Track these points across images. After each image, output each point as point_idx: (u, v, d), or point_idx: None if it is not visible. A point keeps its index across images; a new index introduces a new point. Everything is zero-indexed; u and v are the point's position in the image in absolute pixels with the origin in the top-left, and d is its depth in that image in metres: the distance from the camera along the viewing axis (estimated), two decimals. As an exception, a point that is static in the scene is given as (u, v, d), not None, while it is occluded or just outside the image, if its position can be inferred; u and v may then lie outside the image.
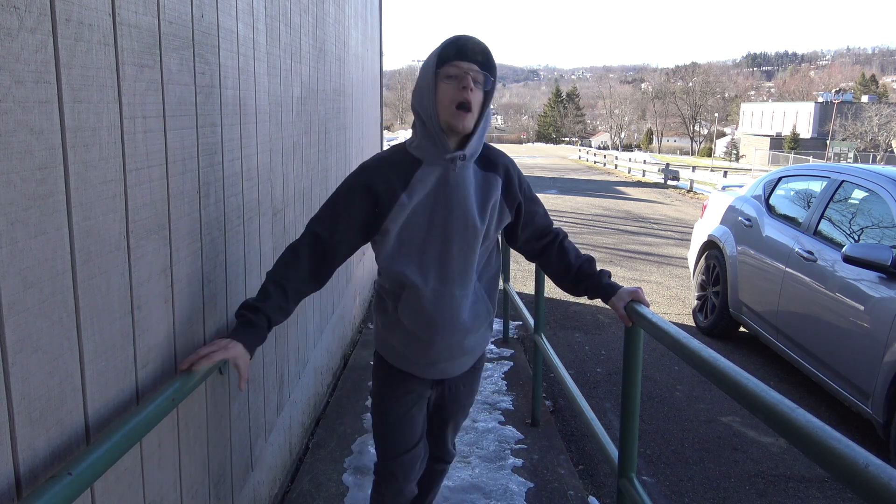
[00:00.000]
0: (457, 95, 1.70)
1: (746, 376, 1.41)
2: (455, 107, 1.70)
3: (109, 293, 1.33)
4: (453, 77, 1.71)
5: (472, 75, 1.70)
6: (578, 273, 2.01)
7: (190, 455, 1.80)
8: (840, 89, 72.33)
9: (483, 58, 1.74)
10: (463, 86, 1.69)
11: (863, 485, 1.02)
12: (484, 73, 1.73)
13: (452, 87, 1.71)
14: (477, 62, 1.73)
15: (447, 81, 1.71)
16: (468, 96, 1.70)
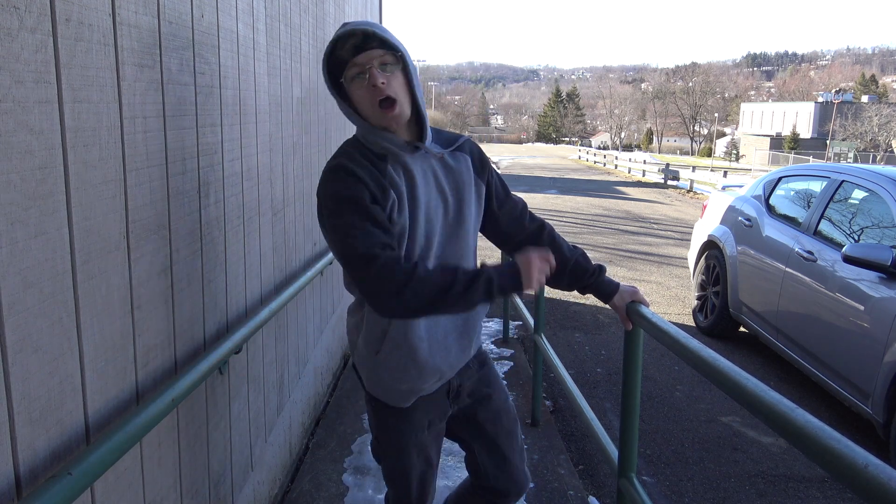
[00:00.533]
0: (373, 94, 1.47)
1: (746, 376, 1.41)
2: (378, 107, 1.49)
3: (109, 293, 1.33)
4: (358, 77, 1.48)
5: (375, 66, 1.46)
6: (575, 268, 1.81)
7: (190, 455, 1.80)
8: (840, 89, 72.35)
9: (378, 40, 1.47)
10: (372, 84, 1.46)
11: (863, 485, 1.02)
12: (389, 52, 1.48)
13: (362, 87, 1.48)
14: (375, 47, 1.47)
15: (355, 83, 1.49)
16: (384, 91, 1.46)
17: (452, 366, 1.71)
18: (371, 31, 1.47)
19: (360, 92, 1.49)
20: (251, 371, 2.36)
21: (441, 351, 1.65)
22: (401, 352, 1.61)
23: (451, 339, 1.68)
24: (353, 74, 1.49)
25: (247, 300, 2.28)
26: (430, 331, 1.63)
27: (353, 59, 1.48)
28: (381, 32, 1.48)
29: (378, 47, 1.47)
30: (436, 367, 1.65)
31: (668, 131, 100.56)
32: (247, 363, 2.31)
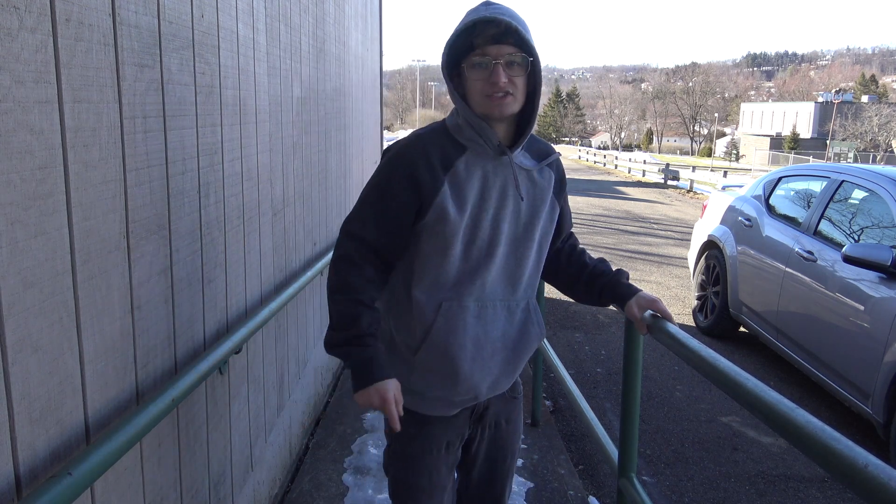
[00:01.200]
0: (487, 88, 1.43)
1: (746, 376, 1.41)
2: (486, 96, 1.45)
3: (109, 293, 1.33)
4: (479, 66, 1.44)
5: (503, 62, 1.42)
6: (594, 272, 1.72)
7: (190, 455, 1.79)
8: (840, 89, 72.37)
9: (515, 36, 1.42)
10: (492, 81, 1.42)
11: (863, 485, 1.02)
12: (521, 54, 1.43)
13: (481, 77, 1.44)
14: (509, 43, 1.43)
15: (474, 72, 1.45)
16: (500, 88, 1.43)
17: (490, 388, 1.59)
18: (514, 27, 1.41)
19: (477, 80, 1.45)
20: (251, 371, 2.36)
21: (482, 368, 1.55)
22: (441, 357, 1.51)
23: (497, 359, 1.57)
24: (477, 62, 1.44)
25: (247, 300, 2.28)
26: (477, 343, 1.53)
27: (484, 48, 1.43)
28: (522, 30, 1.42)
29: (513, 44, 1.43)
30: (473, 384, 1.54)
31: (668, 131, 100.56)
32: (247, 363, 2.31)
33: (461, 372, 1.52)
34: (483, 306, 1.53)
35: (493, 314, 1.55)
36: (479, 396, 1.59)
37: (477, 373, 1.54)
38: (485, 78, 1.43)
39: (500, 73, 1.41)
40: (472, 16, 1.43)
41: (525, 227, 1.56)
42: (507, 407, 1.73)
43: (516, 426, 1.77)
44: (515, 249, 1.56)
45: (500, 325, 1.56)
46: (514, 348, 1.60)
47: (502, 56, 1.42)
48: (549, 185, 1.61)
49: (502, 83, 1.42)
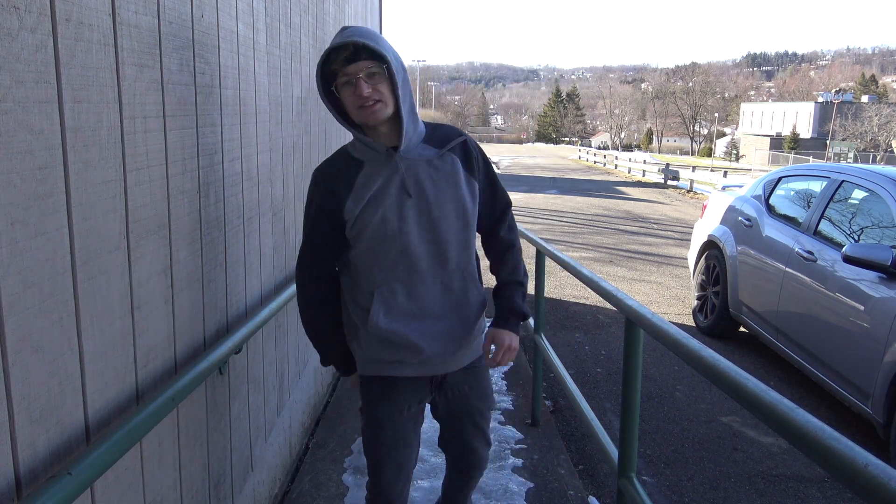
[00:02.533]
0: (357, 101, 1.65)
1: (746, 376, 1.41)
2: (358, 108, 1.67)
3: (109, 293, 1.33)
4: (346, 85, 1.66)
5: (363, 75, 1.63)
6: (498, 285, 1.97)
7: (190, 455, 1.80)
8: (840, 89, 72.36)
9: (367, 52, 1.63)
10: (358, 93, 1.64)
11: (863, 485, 1.02)
12: (376, 63, 1.64)
13: (350, 94, 1.66)
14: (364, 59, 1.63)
15: (345, 90, 1.67)
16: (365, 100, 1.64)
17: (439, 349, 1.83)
18: (361, 43, 1.61)
19: (348, 97, 1.67)
20: (251, 371, 2.36)
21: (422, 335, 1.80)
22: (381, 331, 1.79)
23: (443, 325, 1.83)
24: (343, 82, 1.66)
25: (247, 300, 2.28)
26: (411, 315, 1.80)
27: (343, 69, 1.65)
28: (371, 43, 1.62)
29: (367, 58, 1.63)
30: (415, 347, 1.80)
31: (668, 131, 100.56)
32: (247, 363, 2.31)
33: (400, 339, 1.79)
34: (413, 285, 1.79)
35: (424, 290, 1.79)
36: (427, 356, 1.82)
37: (419, 339, 1.79)
38: (352, 93, 1.66)
39: (363, 85, 1.63)
40: (326, 50, 1.67)
41: (437, 210, 1.76)
42: (468, 376, 1.97)
43: (480, 390, 2.01)
44: (433, 231, 1.77)
45: (436, 297, 1.81)
46: (459, 314, 1.85)
47: (361, 71, 1.64)
48: (454, 168, 1.79)
49: (366, 93, 1.64)
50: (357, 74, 1.63)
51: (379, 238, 1.74)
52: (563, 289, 7.23)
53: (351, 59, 1.63)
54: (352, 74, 1.63)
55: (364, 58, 1.63)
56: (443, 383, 1.95)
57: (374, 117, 1.67)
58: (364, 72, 1.63)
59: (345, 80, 1.65)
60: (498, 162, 36.38)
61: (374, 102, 1.65)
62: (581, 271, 2.74)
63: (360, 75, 1.63)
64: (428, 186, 1.75)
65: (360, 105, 1.65)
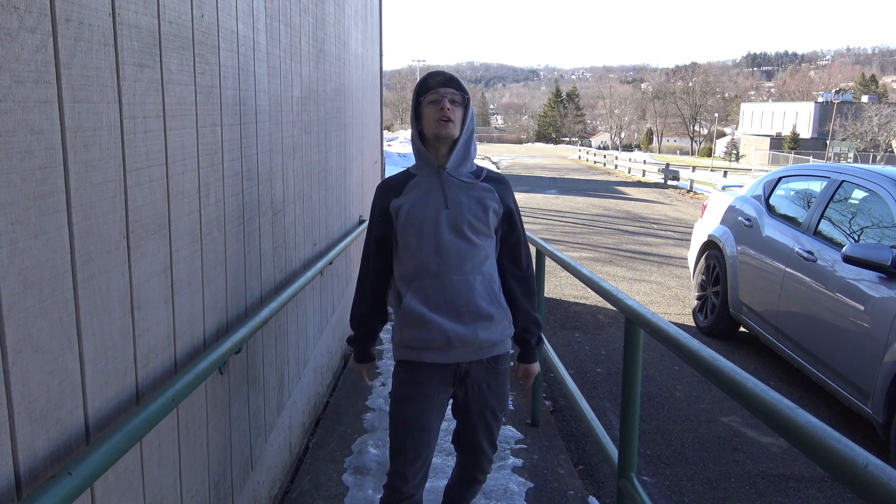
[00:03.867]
0: (436, 114, 2.05)
1: (746, 376, 1.41)
2: (436, 120, 2.05)
3: (109, 293, 1.33)
4: (433, 102, 2.06)
5: (448, 97, 2.06)
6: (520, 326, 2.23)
7: (190, 455, 1.80)
8: (840, 89, 72.31)
9: (454, 84, 2.10)
10: (441, 106, 2.04)
11: (863, 485, 1.02)
12: (459, 93, 2.08)
13: (434, 108, 2.07)
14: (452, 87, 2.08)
15: (429, 106, 2.07)
16: (445, 114, 2.04)
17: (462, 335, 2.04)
18: (453, 78, 2.11)
19: (431, 110, 2.07)
20: (251, 371, 2.36)
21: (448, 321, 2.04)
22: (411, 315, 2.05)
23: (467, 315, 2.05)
24: (432, 99, 2.07)
25: (247, 300, 2.28)
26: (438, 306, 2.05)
27: (436, 89, 2.08)
28: (459, 80, 2.11)
29: (454, 88, 2.08)
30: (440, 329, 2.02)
31: (668, 131, 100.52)
32: (247, 363, 2.31)
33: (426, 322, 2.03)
34: (440, 280, 2.04)
35: (450, 285, 2.04)
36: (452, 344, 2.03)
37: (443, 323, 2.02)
38: (436, 108, 2.06)
39: (446, 103, 2.05)
40: (427, 74, 2.14)
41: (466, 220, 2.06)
42: (489, 374, 2.13)
43: (497, 392, 2.17)
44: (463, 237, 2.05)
45: (465, 294, 2.04)
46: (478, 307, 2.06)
47: (447, 94, 2.07)
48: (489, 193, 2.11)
49: (447, 109, 2.04)
50: (445, 96, 2.06)
51: (417, 233, 2.04)
52: (563, 289, 7.24)
53: (443, 84, 2.08)
54: (441, 95, 2.06)
55: (453, 87, 2.08)
56: (465, 377, 2.10)
57: (446, 131, 2.04)
58: (449, 95, 2.06)
59: (434, 97, 2.06)
60: (498, 162, 36.37)
61: (448, 120, 2.04)
62: (581, 271, 2.74)
63: (447, 97, 2.05)
64: (463, 201, 2.07)
65: (439, 118, 2.04)
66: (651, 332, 1.88)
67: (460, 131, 2.10)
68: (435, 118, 2.06)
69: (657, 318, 1.89)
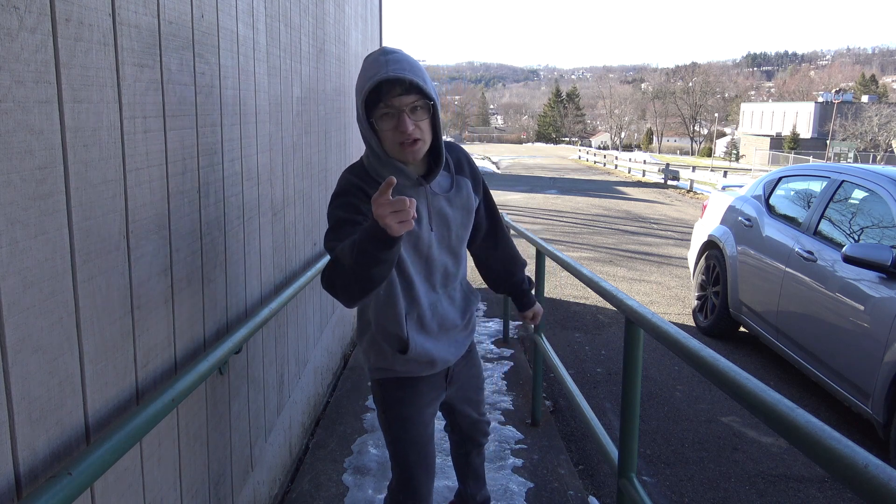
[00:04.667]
0: (397, 136, 1.59)
1: (746, 376, 1.41)
2: (398, 144, 1.61)
3: (109, 293, 1.33)
4: (388, 116, 1.59)
5: (407, 110, 1.57)
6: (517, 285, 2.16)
7: (190, 455, 1.80)
8: (840, 89, 72.23)
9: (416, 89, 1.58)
10: (401, 129, 1.58)
11: (863, 485, 1.02)
12: (423, 100, 1.59)
13: (391, 125, 1.59)
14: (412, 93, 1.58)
15: (384, 121, 1.60)
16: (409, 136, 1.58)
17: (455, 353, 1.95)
18: (416, 83, 1.56)
19: (387, 129, 1.60)
20: (251, 371, 2.36)
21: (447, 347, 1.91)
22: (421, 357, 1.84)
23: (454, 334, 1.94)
24: (383, 114, 1.59)
25: (247, 300, 2.28)
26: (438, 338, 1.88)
27: (389, 101, 1.57)
28: (422, 84, 1.58)
29: (414, 93, 1.58)
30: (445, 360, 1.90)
31: (668, 131, 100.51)
32: (247, 363, 2.31)
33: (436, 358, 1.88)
34: (435, 304, 1.86)
35: (442, 308, 1.88)
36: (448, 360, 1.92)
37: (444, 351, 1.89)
38: (394, 127, 1.59)
39: (407, 121, 1.57)
40: (375, 73, 1.56)
41: (455, 238, 1.85)
42: (469, 360, 2.10)
43: (477, 365, 2.16)
44: (452, 255, 1.86)
45: (450, 311, 1.90)
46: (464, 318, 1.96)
47: (406, 105, 1.57)
48: (468, 195, 1.86)
49: (410, 130, 1.57)
50: (402, 109, 1.57)
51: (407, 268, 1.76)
52: (563, 289, 7.23)
53: (400, 94, 1.57)
54: (396, 108, 1.57)
55: (412, 92, 1.57)
56: (453, 374, 2.05)
57: (413, 156, 1.63)
58: (409, 106, 1.58)
59: (386, 111, 1.58)
60: (498, 162, 36.38)
61: (415, 141, 1.60)
62: (581, 271, 2.74)
63: (405, 110, 1.57)
64: (449, 217, 1.81)
65: (400, 141, 1.59)
66: (651, 332, 1.88)
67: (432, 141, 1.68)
68: (395, 140, 1.60)
69: (657, 318, 1.89)
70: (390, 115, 1.59)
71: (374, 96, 1.59)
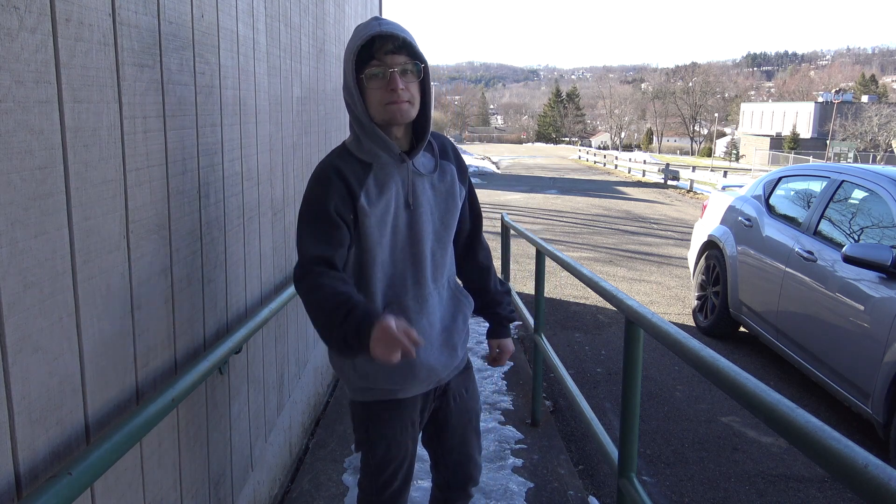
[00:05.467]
0: (386, 96, 1.56)
1: (746, 376, 1.41)
2: (385, 104, 1.57)
3: (109, 293, 1.33)
4: (377, 75, 1.55)
5: (398, 70, 1.55)
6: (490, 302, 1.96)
7: (190, 455, 1.80)
8: (840, 89, 72.22)
9: (408, 49, 1.56)
10: (391, 88, 1.54)
11: (863, 485, 1.02)
12: (413, 62, 1.57)
13: (379, 85, 1.56)
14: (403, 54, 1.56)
15: (373, 81, 1.56)
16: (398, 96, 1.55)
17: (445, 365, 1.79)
18: (408, 41, 1.56)
19: (375, 89, 1.57)
20: (251, 371, 2.36)
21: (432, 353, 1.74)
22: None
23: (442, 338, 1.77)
24: (373, 73, 1.56)
25: (247, 300, 2.28)
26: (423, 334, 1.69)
27: (380, 58, 1.55)
28: (413, 43, 1.57)
29: (406, 54, 1.56)
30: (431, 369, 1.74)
31: (668, 131, 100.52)
32: (247, 363, 2.31)
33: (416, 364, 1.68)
34: (423, 300, 1.71)
35: (430, 305, 1.73)
36: (440, 376, 1.78)
37: (431, 358, 1.72)
38: (383, 87, 1.55)
39: (397, 79, 1.54)
40: (367, 31, 1.55)
41: (442, 221, 1.74)
42: (464, 378, 1.92)
43: (474, 392, 1.97)
44: (439, 243, 1.74)
45: (437, 310, 1.75)
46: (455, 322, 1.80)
47: (397, 65, 1.55)
48: (452, 181, 1.76)
49: (400, 89, 1.54)
50: (393, 67, 1.54)
51: (391, 251, 1.65)
52: (563, 289, 7.23)
53: (391, 52, 1.54)
54: (388, 66, 1.54)
55: (403, 53, 1.56)
56: (446, 390, 1.88)
57: (401, 116, 1.57)
58: (400, 66, 1.55)
59: (377, 70, 1.54)
60: (498, 162, 36.37)
61: (404, 102, 1.56)
62: (581, 271, 2.74)
63: (396, 69, 1.54)
64: (433, 200, 1.71)
65: (390, 101, 1.55)
66: (651, 332, 1.88)
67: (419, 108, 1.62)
68: (382, 101, 1.55)
69: (657, 318, 1.89)
70: (379, 75, 1.55)
71: (365, 55, 1.55)
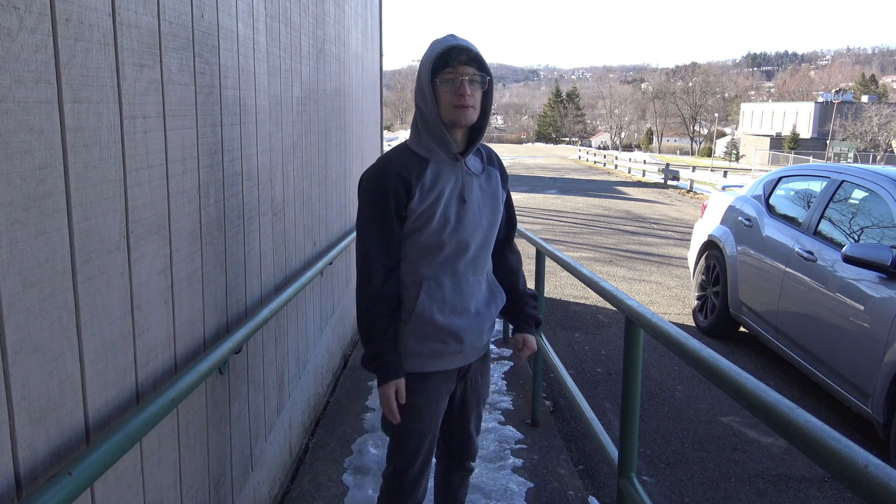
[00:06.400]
0: (455, 100, 1.80)
1: (746, 376, 1.41)
2: (454, 107, 1.81)
3: (109, 293, 1.33)
4: (449, 81, 1.80)
5: (467, 79, 1.81)
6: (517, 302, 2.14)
7: (190, 455, 1.80)
8: (840, 89, 72.19)
9: (477, 63, 1.83)
10: (459, 93, 1.79)
11: (863, 485, 1.02)
12: (480, 74, 1.83)
13: (450, 90, 1.81)
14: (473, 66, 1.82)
15: (445, 85, 1.81)
16: (466, 101, 1.80)
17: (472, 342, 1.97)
18: (478, 55, 1.83)
19: (447, 92, 1.81)
20: (251, 371, 2.36)
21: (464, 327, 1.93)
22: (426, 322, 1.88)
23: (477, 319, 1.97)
24: (447, 78, 1.80)
25: (247, 300, 2.28)
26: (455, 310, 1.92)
27: (455, 67, 1.80)
28: (482, 58, 1.85)
29: (475, 66, 1.82)
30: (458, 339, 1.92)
31: (668, 131, 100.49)
32: (247, 363, 2.31)
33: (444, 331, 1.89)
34: (458, 283, 1.92)
35: (467, 288, 1.93)
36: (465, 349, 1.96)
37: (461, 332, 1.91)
38: (453, 91, 1.80)
39: (466, 86, 1.79)
40: (444, 43, 1.82)
41: (485, 219, 1.95)
42: (483, 365, 2.13)
43: (487, 379, 2.18)
44: (482, 237, 1.94)
45: (475, 296, 1.95)
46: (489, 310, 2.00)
47: (467, 74, 1.80)
48: (497, 184, 2.01)
49: (467, 94, 1.79)
50: (464, 76, 1.79)
51: (437, 235, 1.85)
52: (563, 289, 7.24)
53: (463, 62, 1.80)
54: (460, 74, 1.79)
55: (473, 65, 1.81)
56: (467, 373, 2.06)
57: (465, 118, 1.81)
58: (470, 76, 1.80)
59: (450, 76, 1.79)
60: (498, 162, 36.30)
61: (470, 107, 1.80)
62: (581, 271, 2.74)
63: (466, 78, 1.79)
64: (480, 198, 1.94)
65: (458, 104, 1.79)
66: (651, 332, 1.88)
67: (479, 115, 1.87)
68: (452, 103, 1.80)
69: (657, 318, 1.89)
70: (452, 80, 1.80)
71: (440, 63, 1.81)
